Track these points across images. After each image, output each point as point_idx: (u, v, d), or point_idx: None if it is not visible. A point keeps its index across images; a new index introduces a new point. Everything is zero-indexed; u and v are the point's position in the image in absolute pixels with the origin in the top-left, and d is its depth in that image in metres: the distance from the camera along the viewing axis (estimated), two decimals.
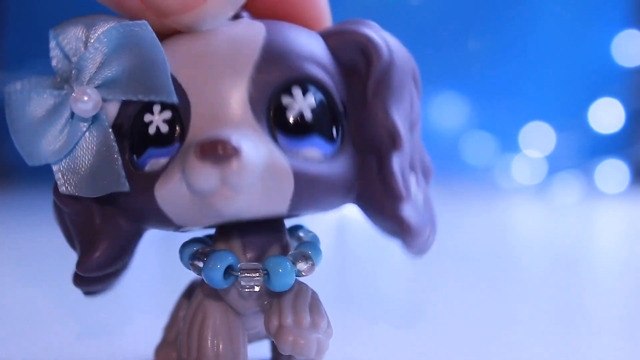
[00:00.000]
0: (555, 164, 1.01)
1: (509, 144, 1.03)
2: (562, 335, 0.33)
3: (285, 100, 0.19)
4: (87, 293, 0.22)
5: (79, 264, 0.20)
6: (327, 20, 0.23)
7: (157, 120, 0.19)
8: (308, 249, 0.21)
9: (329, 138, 0.20)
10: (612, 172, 1.00)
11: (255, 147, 0.18)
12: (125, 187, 0.19)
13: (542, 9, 1.05)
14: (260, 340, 0.24)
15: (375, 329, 0.33)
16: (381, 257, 0.52)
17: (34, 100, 0.19)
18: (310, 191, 0.19)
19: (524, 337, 0.32)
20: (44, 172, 0.21)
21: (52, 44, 0.20)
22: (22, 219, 0.67)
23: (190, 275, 0.25)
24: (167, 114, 0.19)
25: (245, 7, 0.21)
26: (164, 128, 0.19)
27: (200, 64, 0.19)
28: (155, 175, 0.19)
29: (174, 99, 0.19)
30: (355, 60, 0.20)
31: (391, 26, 0.23)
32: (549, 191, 0.96)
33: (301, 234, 0.23)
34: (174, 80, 0.19)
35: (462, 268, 0.49)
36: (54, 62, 0.20)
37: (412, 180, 0.22)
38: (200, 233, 0.23)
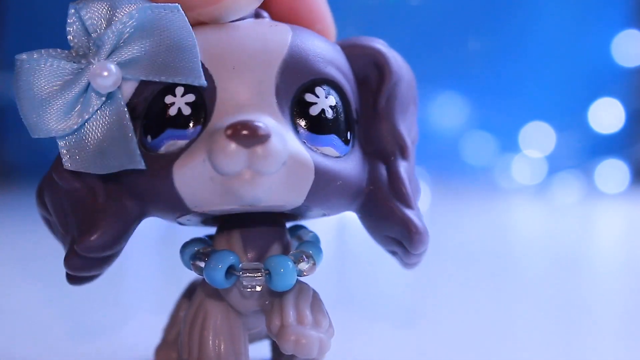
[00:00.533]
0: (555, 164, 1.01)
1: (509, 144, 1.03)
2: (562, 335, 0.33)
3: (309, 97, 0.20)
4: (73, 280, 0.21)
5: (78, 243, 0.19)
6: (333, 36, 0.24)
7: (180, 102, 0.19)
8: (309, 248, 0.21)
9: (345, 140, 0.20)
10: (612, 172, 1.00)
11: (283, 135, 0.18)
12: (141, 164, 0.19)
13: (542, 9, 1.05)
14: (261, 340, 0.24)
15: (375, 328, 0.33)
16: (381, 257, 0.52)
17: (46, 70, 0.19)
18: (326, 186, 0.19)
19: (524, 336, 0.33)
20: (44, 172, 0.21)
21: (72, 16, 0.19)
22: (22, 219, 0.67)
23: (191, 275, 0.25)
24: (191, 97, 0.19)
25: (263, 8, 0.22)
26: (186, 110, 0.19)
27: (228, 53, 0.19)
28: (173, 156, 0.19)
29: (203, 81, 0.19)
30: (368, 73, 0.22)
31: (391, 26, 0.24)
32: (549, 191, 0.96)
33: (301, 234, 0.23)
34: (202, 65, 0.19)
35: (462, 268, 0.49)
36: (70, 37, 0.19)
37: (414, 185, 0.22)
38: (199, 232, 0.23)
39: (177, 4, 0.19)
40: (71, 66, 0.19)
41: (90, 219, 0.20)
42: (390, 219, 0.21)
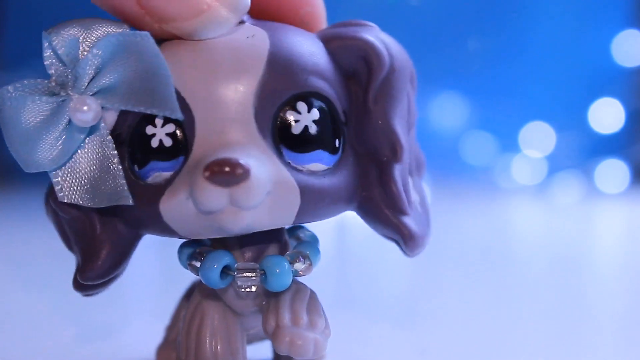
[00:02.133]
0: (555, 164, 1.01)
1: (509, 144, 1.03)
2: (562, 335, 0.33)
3: (290, 115, 0.19)
4: (86, 294, 0.22)
5: (81, 272, 0.20)
6: (323, 18, 0.22)
7: (160, 133, 0.19)
8: (306, 248, 0.21)
9: (332, 150, 0.20)
10: (612, 172, 1.00)
11: (262, 165, 0.18)
12: (128, 200, 0.19)
13: (542, 9, 1.05)
14: (261, 341, 0.24)
15: (375, 328, 0.33)
16: (381, 257, 0.52)
17: (28, 107, 0.18)
18: (315, 204, 0.19)
19: (524, 336, 0.32)
20: (44, 173, 0.21)
21: (46, 46, 0.19)
22: (22, 219, 0.67)
23: (191, 277, 0.25)
24: (171, 128, 0.19)
25: None
26: (168, 142, 0.19)
27: (203, 77, 0.19)
28: (159, 189, 0.19)
29: (179, 115, 0.18)
30: (356, 66, 0.20)
31: (391, 26, 0.23)
32: (549, 191, 0.96)
33: (300, 234, 0.23)
34: (177, 93, 0.18)
35: (462, 268, 0.49)
36: (48, 65, 0.19)
37: (410, 184, 0.22)
38: None
39: (147, 32, 0.18)
40: (52, 100, 0.19)
41: (89, 249, 0.20)
42: (384, 224, 0.21)
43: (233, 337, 0.21)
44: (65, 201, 0.19)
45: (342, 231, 0.64)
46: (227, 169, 0.17)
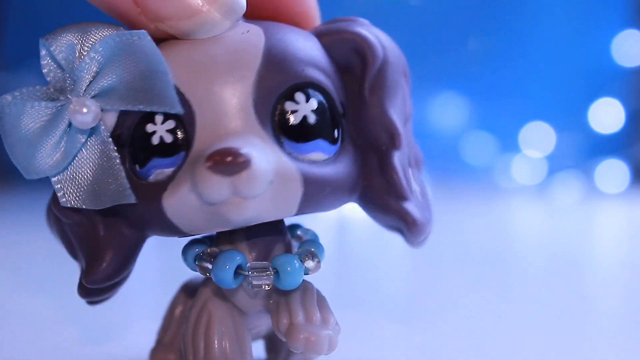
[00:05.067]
0: (555, 164, 1.01)
1: (509, 144, 1.03)
2: (562, 335, 0.33)
3: (289, 106, 0.19)
4: (91, 302, 0.22)
5: (85, 276, 0.20)
6: (316, 17, 0.23)
7: (161, 130, 0.19)
8: (312, 246, 0.21)
9: (332, 140, 0.20)
10: (612, 172, 1.00)
11: (264, 155, 0.18)
12: (131, 198, 0.19)
13: (542, 8, 1.05)
14: (256, 340, 0.24)
15: (375, 327, 0.33)
16: (381, 255, 0.52)
17: (28, 113, 0.19)
18: (318, 193, 0.19)
19: (524, 336, 0.32)
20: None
21: (43, 53, 0.19)
22: (22, 219, 0.67)
23: (187, 278, 0.25)
24: (171, 124, 0.19)
25: None
26: (168, 138, 0.19)
27: (201, 73, 0.19)
28: (161, 186, 0.19)
29: (179, 109, 0.18)
30: (350, 60, 0.21)
31: (391, 26, 0.23)
32: (549, 191, 0.96)
33: (300, 233, 0.23)
34: (176, 89, 0.18)
35: (462, 268, 0.49)
36: (46, 72, 0.19)
37: (410, 172, 0.22)
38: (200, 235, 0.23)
39: (144, 31, 0.18)
40: (51, 105, 0.19)
41: (93, 252, 0.20)
42: (387, 213, 0.21)
43: (241, 337, 0.21)
44: (68, 206, 0.19)
45: (343, 230, 0.64)
46: (228, 158, 0.17)
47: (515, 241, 0.65)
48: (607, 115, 1.03)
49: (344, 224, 0.65)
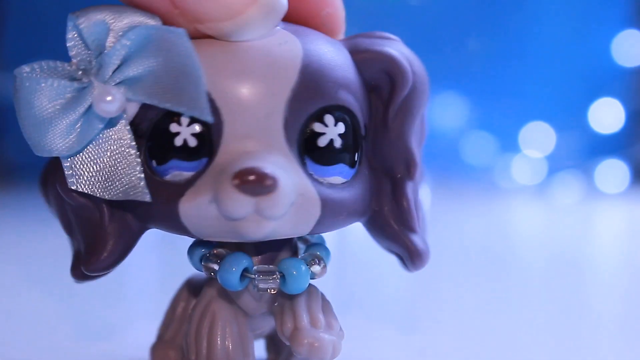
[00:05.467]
0: (555, 164, 1.01)
1: (509, 144, 1.03)
2: (562, 335, 0.33)
3: (318, 127, 0.19)
4: (78, 280, 0.21)
5: (86, 264, 0.20)
6: (343, 18, 0.22)
7: (185, 132, 0.18)
8: (318, 250, 0.21)
9: (351, 164, 0.20)
10: (612, 172, 1.00)
11: (289, 176, 0.18)
12: (147, 197, 0.18)
13: (542, 9, 1.05)
14: (257, 340, 0.24)
15: (375, 330, 0.33)
16: (381, 258, 0.52)
17: (46, 90, 0.18)
18: (333, 216, 0.19)
19: (525, 336, 0.32)
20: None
21: (71, 28, 0.18)
22: (22, 218, 0.67)
23: (188, 276, 0.25)
24: (196, 128, 0.18)
25: None
26: (192, 142, 0.18)
27: (236, 82, 0.18)
28: (179, 188, 0.18)
29: (209, 117, 0.18)
30: (379, 80, 0.20)
31: (391, 26, 0.23)
32: (549, 191, 0.96)
33: (307, 236, 0.23)
34: (207, 94, 0.18)
35: (462, 268, 0.49)
36: (70, 45, 0.18)
37: (420, 202, 0.22)
38: None
39: (184, 30, 0.18)
40: (72, 85, 0.18)
41: (96, 239, 0.20)
42: (392, 240, 0.21)
43: (244, 338, 0.21)
44: (75, 189, 0.19)
45: (343, 233, 0.64)
46: (256, 178, 0.17)
47: (515, 241, 0.65)
48: (607, 115, 1.03)
49: (346, 228, 0.65)
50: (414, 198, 0.21)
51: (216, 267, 0.20)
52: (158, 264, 0.48)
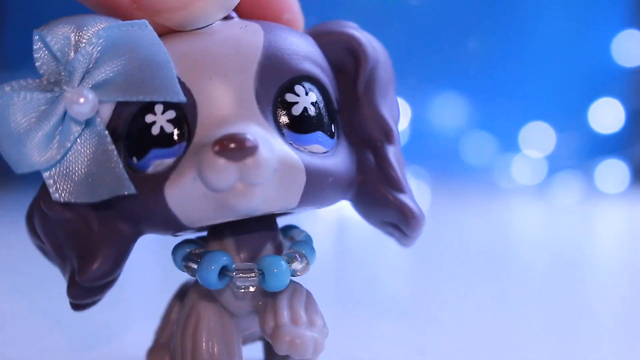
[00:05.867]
0: (555, 164, 1.01)
1: (509, 144, 1.03)
2: (562, 335, 0.33)
3: (290, 97, 0.20)
4: (76, 307, 0.21)
5: (80, 274, 0.19)
6: (302, 25, 0.23)
7: (161, 120, 0.19)
8: (302, 248, 0.21)
9: (330, 134, 0.20)
10: (612, 172, 1.00)
11: (270, 142, 0.18)
12: (131, 189, 0.18)
13: (542, 8, 1.05)
14: (254, 342, 0.24)
15: (374, 327, 0.33)
16: (381, 256, 0.52)
17: (19, 105, 0.18)
18: (319, 185, 0.19)
19: (524, 336, 0.32)
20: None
21: (37, 44, 0.18)
22: (21, 219, 0.67)
23: (185, 278, 0.25)
24: (172, 114, 0.19)
25: None
26: (169, 128, 0.19)
27: (202, 63, 0.19)
28: (162, 176, 0.19)
29: (182, 97, 0.18)
30: (343, 60, 0.21)
31: (391, 26, 0.23)
32: (549, 191, 0.96)
33: (294, 234, 0.23)
34: (178, 79, 0.18)
35: (462, 268, 0.49)
36: (38, 64, 0.18)
37: (404, 170, 0.22)
38: (192, 235, 0.23)
39: (144, 20, 0.18)
40: (44, 96, 0.18)
41: (87, 249, 0.19)
42: (385, 206, 0.21)
43: (230, 339, 0.21)
44: (60, 201, 0.19)
45: (342, 230, 0.64)
46: (236, 142, 0.17)
47: (515, 241, 0.65)
48: (607, 115, 1.03)
49: (344, 224, 0.65)
50: (397, 163, 0.21)
51: (196, 266, 0.20)
52: (156, 267, 0.48)
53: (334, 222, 0.65)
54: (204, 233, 0.22)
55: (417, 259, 0.50)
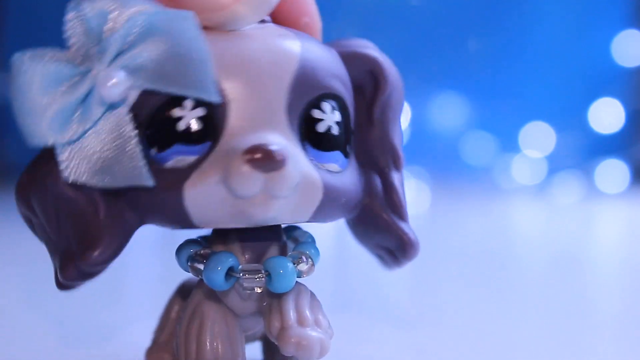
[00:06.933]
0: (555, 164, 1.01)
1: (509, 144, 1.03)
2: (562, 335, 0.33)
3: (317, 114, 0.20)
4: (63, 287, 0.21)
5: (81, 258, 0.19)
6: (319, 29, 0.23)
7: (189, 116, 0.18)
8: (307, 249, 0.21)
9: (345, 154, 0.20)
10: (612, 172, 1.00)
11: (296, 157, 0.18)
12: (149, 182, 0.18)
13: (542, 9, 1.05)
14: (253, 342, 0.24)
15: (374, 329, 0.33)
16: None
17: (43, 76, 0.17)
18: (332, 203, 0.20)
19: (525, 336, 0.32)
20: None
21: (72, 15, 0.18)
22: (21, 219, 0.67)
23: (184, 277, 0.25)
24: (201, 111, 0.18)
25: None
26: (196, 125, 0.18)
27: (241, 66, 0.19)
28: (182, 173, 0.18)
29: (216, 97, 0.18)
30: (363, 81, 0.22)
31: (391, 26, 0.23)
32: (549, 191, 0.96)
33: (297, 235, 0.23)
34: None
35: (462, 268, 0.49)
36: (69, 34, 0.18)
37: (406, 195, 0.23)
38: (194, 234, 0.23)
39: (191, 12, 0.18)
40: (71, 71, 0.17)
41: (91, 234, 0.19)
42: (385, 231, 0.21)
43: (234, 339, 0.21)
44: (70, 180, 0.18)
45: (342, 232, 0.64)
46: (267, 154, 0.17)
47: (516, 241, 0.65)
48: (607, 115, 1.03)
49: (343, 226, 0.65)
50: (402, 190, 0.22)
51: (202, 267, 0.20)
52: (156, 265, 0.48)
53: (333, 225, 0.65)
54: (204, 231, 0.22)
55: (417, 259, 0.50)
